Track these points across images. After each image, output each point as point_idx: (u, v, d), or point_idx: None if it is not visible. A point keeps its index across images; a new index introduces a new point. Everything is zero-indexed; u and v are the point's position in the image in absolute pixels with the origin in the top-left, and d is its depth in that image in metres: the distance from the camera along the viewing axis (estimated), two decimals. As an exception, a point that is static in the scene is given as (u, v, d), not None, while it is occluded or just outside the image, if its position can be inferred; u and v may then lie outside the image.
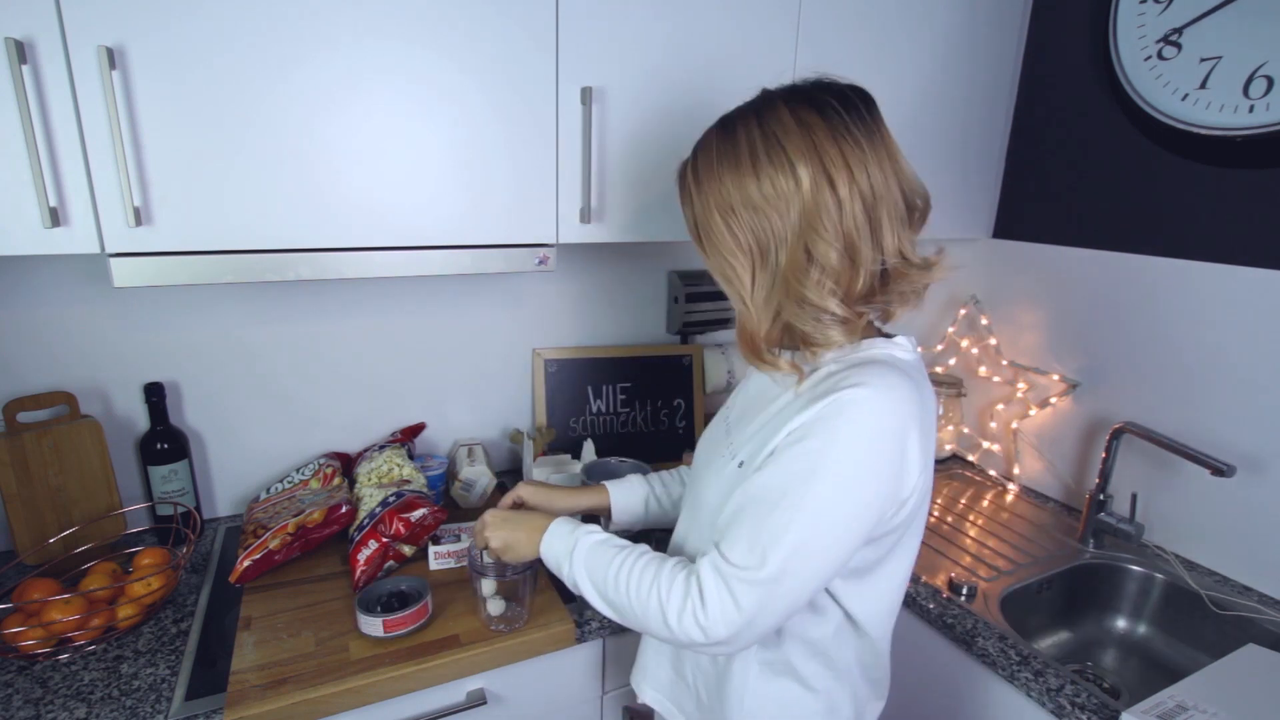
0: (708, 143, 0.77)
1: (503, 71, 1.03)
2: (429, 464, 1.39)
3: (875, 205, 0.71)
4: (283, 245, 0.96)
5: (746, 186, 0.71)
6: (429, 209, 1.04)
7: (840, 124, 0.70)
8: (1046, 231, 1.49)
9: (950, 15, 1.36)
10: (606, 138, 1.12)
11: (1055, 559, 1.29)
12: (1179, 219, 1.27)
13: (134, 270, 0.90)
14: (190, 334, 1.27)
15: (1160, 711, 0.85)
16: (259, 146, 0.92)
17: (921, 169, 0.81)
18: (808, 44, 1.22)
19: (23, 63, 0.79)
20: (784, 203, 0.70)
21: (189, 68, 0.87)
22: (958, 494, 1.54)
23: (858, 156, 0.70)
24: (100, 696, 0.89)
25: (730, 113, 0.77)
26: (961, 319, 1.67)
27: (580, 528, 0.85)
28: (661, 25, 1.12)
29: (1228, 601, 1.16)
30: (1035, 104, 1.49)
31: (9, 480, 1.11)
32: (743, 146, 0.72)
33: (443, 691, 0.98)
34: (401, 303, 1.42)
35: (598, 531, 0.84)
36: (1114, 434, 1.30)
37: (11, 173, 0.82)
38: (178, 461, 1.26)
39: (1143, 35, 1.26)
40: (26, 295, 1.16)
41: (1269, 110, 1.11)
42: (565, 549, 0.84)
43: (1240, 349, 1.19)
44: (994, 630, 1.07)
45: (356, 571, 1.08)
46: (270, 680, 0.89)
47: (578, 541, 0.83)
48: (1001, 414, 1.61)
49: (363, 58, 0.95)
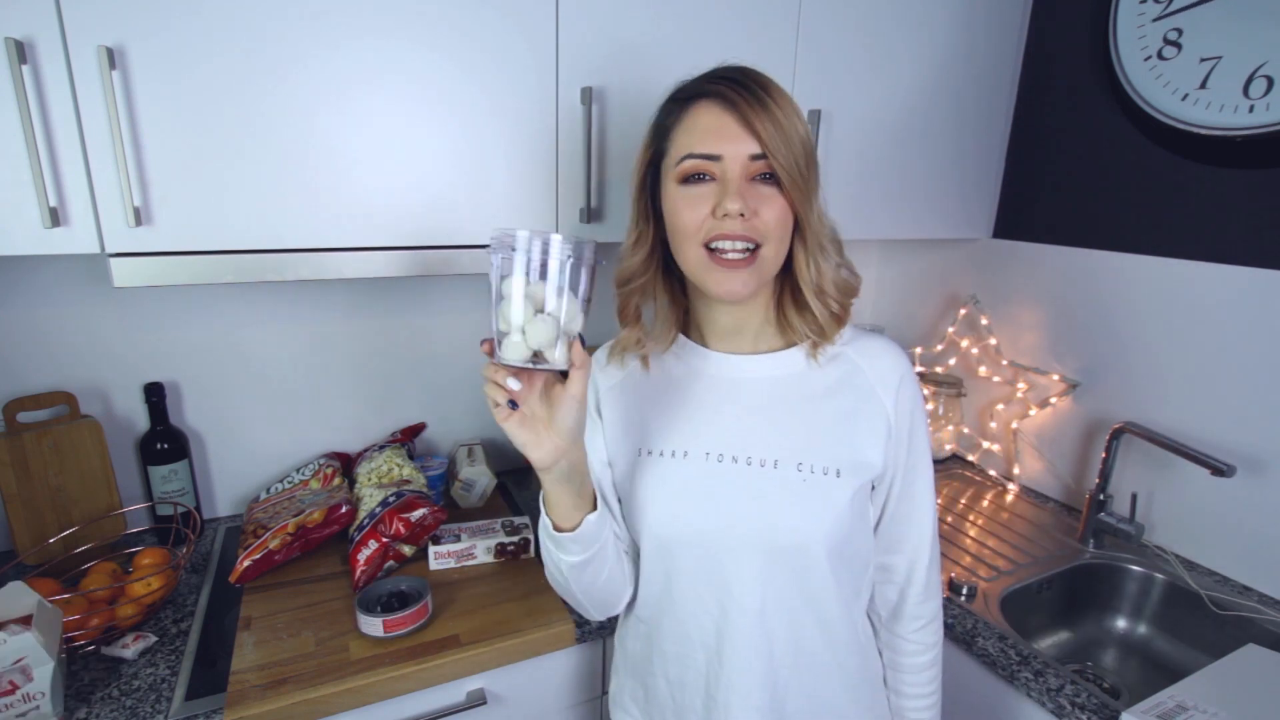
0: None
1: (503, 71, 1.03)
2: (429, 464, 1.39)
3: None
4: (283, 245, 0.96)
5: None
6: (429, 209, 1.04)
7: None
8: (1046, 231, 1.49)
9: (950, 15, 1.36)
10: (606, 138, 1.12)
11: (1055, 559, 1.29)
12: (1179, 219, 1.27)
13: (134, 270, 0.90)
14: (190, 334, 1.27)
15: (1160, 711, 0.85)
16: (259, 146, 0.92)
17: (922, 169, 0.81)
18: (808, 44, 1.22)
19: (23, 63, 0.79)
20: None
21: (189, 68, 0.87)
22: (958, 494, 1.54)
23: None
24: (100, 696, 0.89)
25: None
26: (961, 319, 1.67)
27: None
28: (662, 25, 1.12)
29: (1228, 601, 1.16)
30: (1035, 104, 1.49)
31: (9, 480, 1.11)
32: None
33: (443, 691, 0.98)
34: (401, 303, 1.42)
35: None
36: (1114, 434, 1.30)
37: (11, 173, 0.82)
38: (178, 461, 1.26)
39: (1143, 35, 1.26)
40: (27, 295, 1.16)
41: (1269, 110, 1.11)
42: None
43: (1240, 349, 1.19)
44: (994, 630, 1.07)
45: (356, 571, 1.08)
46: (270, 680, 0.89)
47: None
48: (1001, 414, 1.61)
49: (363, 58, 0.95)
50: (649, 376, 0.83)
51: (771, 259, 0.73)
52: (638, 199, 0.79)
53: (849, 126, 1.31)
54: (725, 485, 0.75)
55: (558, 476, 0.69)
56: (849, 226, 1.39)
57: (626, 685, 0.89)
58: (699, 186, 0.71)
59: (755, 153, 0.69)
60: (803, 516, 0.74)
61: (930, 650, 0.86)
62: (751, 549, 0.74)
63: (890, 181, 1.39)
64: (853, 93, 1.29)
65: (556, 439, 0.66)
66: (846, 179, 1.34)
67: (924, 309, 1.80)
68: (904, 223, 1.44)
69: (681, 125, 0.72)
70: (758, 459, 0.75)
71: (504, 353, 0.61)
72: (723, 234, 0.70)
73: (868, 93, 1.31)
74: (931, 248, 1.75)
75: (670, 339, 0.83)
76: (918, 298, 1.81)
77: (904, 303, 1.86)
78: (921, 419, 0.80)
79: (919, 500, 0.81)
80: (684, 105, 0.73)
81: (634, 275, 0.79)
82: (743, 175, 0.70)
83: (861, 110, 1.31)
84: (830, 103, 1.27)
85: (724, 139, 0.69)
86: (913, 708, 0.87)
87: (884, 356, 0.79)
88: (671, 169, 0.73)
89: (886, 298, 1.91)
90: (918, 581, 0.83)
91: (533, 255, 0.61)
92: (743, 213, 0.69)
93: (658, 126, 0.76)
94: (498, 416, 0.65)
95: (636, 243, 0.79)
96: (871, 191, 1.38)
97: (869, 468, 0.76)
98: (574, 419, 0.67)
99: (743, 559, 0.75)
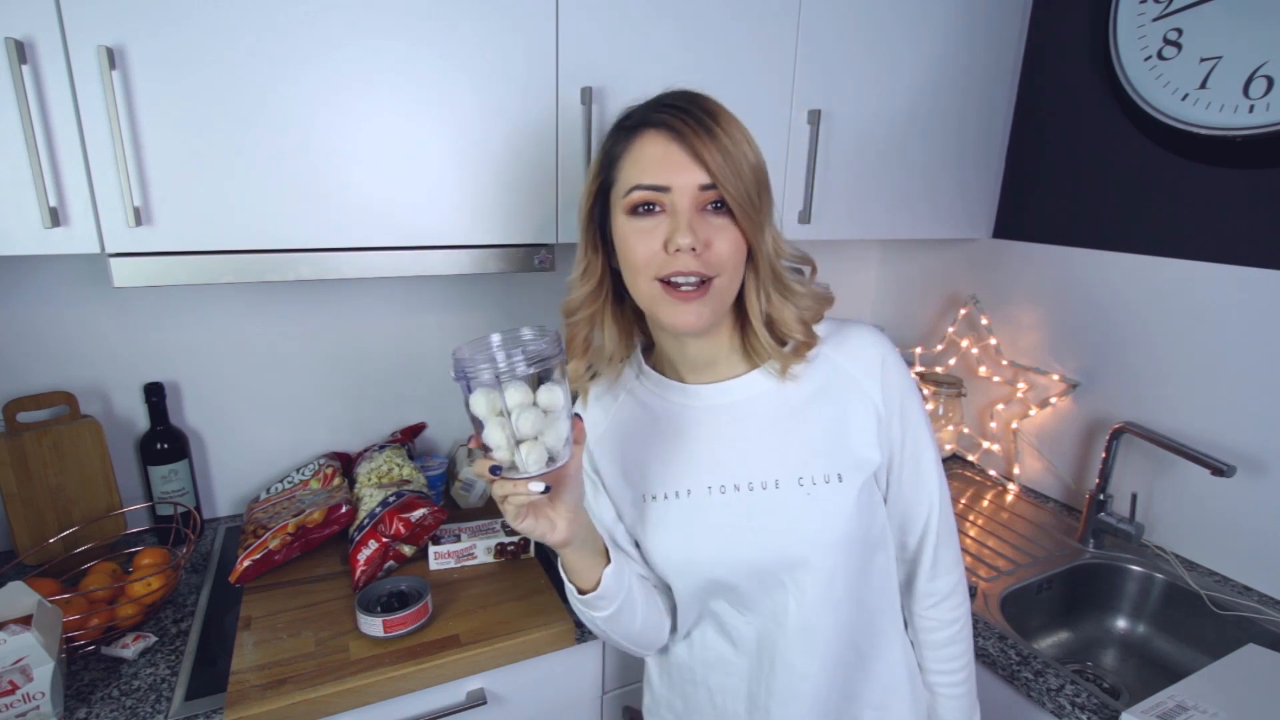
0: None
1: (503, 71, 1.03)
2: (429, 464, 1.39)
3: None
4: (283, 245, 0.96)
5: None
6: (429, 209, 1.04)
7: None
8: (1046, 231, 1.49)
9: (950, 15, 1.36)
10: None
11: (1055, 559, 1.29)
12: (1179, 219, 1.27)
13: (134, 270, 0.90)
14: (190, 334, 1.27)
15: (1160, 711, 0.85)
16: (259, 146, 0.92)
17: (921, 169, 0.81)
18: (808, 43, 1.22)
19: (23, 63, 0.79)
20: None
21: (189, 68, 0.87)
22: (958, 494, 1.54)
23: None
24: (100, 696, 0.89)
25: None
26: (961, 319, 1.67)
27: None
28: (662, 25, 1.12)
29: (1228, 601, 1.16)
30: (1035, 104, 1.49)
31: (9, 480, 1.11)
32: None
33: (443, 691, 0.98)
34: (402, 302, 1.42)
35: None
36: (1114, 434, 1.30)
37: (11, 173, 0.82)
38: (178, 461, 1.26)
39: (1143, 35, 1.26)
40: (27, 295, 1.16)
41: (1269, 110, 1.11)
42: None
43: (1240, 349, 1.19)
44: (994, 630, 1.07)
45: (356, 571, 1.08)
46: (270, 680, 0.89)
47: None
48: (1001, 414, 1.61)
49: (363, 58, 0.95)
50: (633, 419, 0.81)
51: (725, 289, 0.71)
52: (585, 228, 0.77)
53: (849, 126, 1.31)
54: (733, 516, 0.75)
55: (576, 546, 0.71)
56: (849, 226, 1.41)
57: (662, 697, 0.89)
58: (649, 219, 0.69)
59: (705, 183, 0.67)
60: (815, 530, 0.73)
61: (948, 627, 0.84)
62: (774, 569, 0.74)
63: (890, 181, 1.39)
64: (853, 92, 1.29)
65: (568, 515, 0.67)
66: (846, 179, 1.34)
67: (924, 309, 1.80)
68: (904, 223, 1.44)
69: (629, 155, 0.70)
70: (759, 482, 0.75)
71: (528, 465, 0.60)
72: (675, 270, 0.68)
73: (868, 92, 1.31)
74: (931, 248, 1.75)
75: (618, 370, 0.82)
76: (918, 298, 1.81)
77: (904, 303, 1.86)
78: (913, 397, 0.78)
79: (923, 478, 0.80)
80: (630, 134, 0.71)
81: (581, 306, 0.78)
82: (693, 206, 0.68)
83: (861, 110, 1.31)
84: (830, 102, 1.27)
85: (672, 170, 0.67)
86: (939, 684, 0.86)
87: (862, 346, 0.78)
88: (620, 199, 0.71)
89: (886, 298, 1.91)
90: (926, 559, 0.82)
91: (504, 371, 0.59)
92: (694, 247, 0.66)
93: (605, 154, 0.74)
94: (516, 523, 0.65)
95: (585, 273, 0.77)
96: (871, 191, 1.38)
97: (869, 463, 0.76)
98: (580, 492, 0.69)
99: (769, 581, 0.75)
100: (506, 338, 0.62)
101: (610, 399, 0.83)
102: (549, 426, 0.61)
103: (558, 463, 0.62)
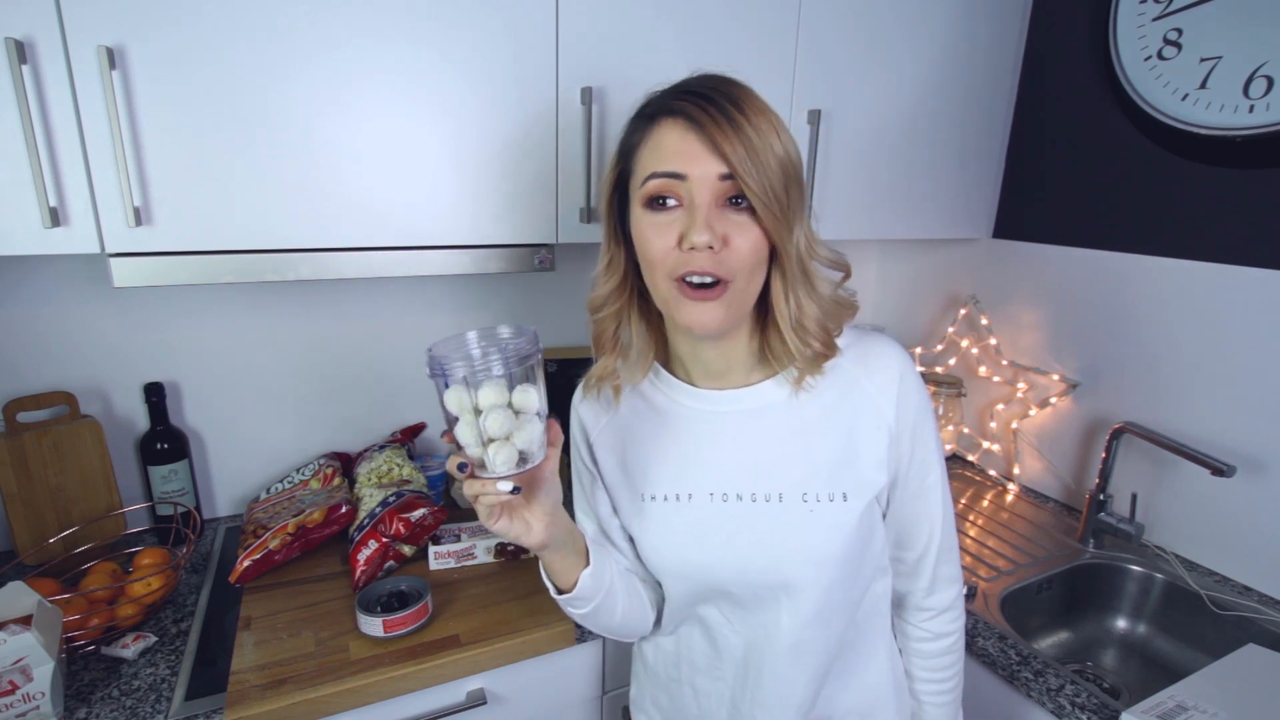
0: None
1: (503, 71, 1.03)
2: (429, 464, 1.39)
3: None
4: (283, 245, 0.96)
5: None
6: (429, 209, 1.04)
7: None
8: (1046, 231, 1.49)
9: (950, 15, 1.36)
10: (606, 138, 1.12)
11: (1055, 559, 1.29)
12: (1179, 219, 1.27)
13: (134, 270, 0.90)
14: (190, 334, 1.27)
15: (1160, 711, 0.85)
16: (259, 146, 0.92)
17: (922, 169, 0.81)
18: (808, 44, 1.22)
19: (23, 63, 0.79)
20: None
21: (189, 68, 0.87)
22: (958, 494, 1.54)
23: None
24: (100, 696, 0.89)
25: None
26: (961, 319, 1.67)
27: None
28: (662, 25, 1.12)
29: (1228, 601, 1.16)
30: (1035, 104, 1.49)
31: (9, 480, 1.11)
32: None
33: (443, 691, 0.98)
34: (402, 303, 1.42)
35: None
36: (1114, 434, 1.30)
37: (11, 173, 0.82)
38: (178, 461, 1.26)
39: (1143, 35, 1.26)
40: (27, 295, 1.16)
41: (1269, 110, 1.11)
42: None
43: (1240, 349, 1.19)
44: (994, 630, 1.07)
45: (356, 571, 1.08)
46: (270, 680, 0.89)
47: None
48: (1001, 414, 1.61)
49: (363, 58, 0.95)
50: (639, 416, 0.80)
51: (744, 291, 0.67)
52: (606, 220, 0.74)
53: (849, 126, 1.31)
54: (732, 525, 0.74)
55: (554, 548, 0.70)
56: (849, 226, 1.41)
57: (648, 690, 0.89)
58: (665, 213, 0.66)
59: (725, 172, 0.63)
60: (814, 547, 0.72)
61: (939, 640, 0.84)
62: (770, 582, 0.73)
63: (890, 181, 1.39)
64: (853, 92, 1.29)
65: (544, 518, 0.66)
66: (846, 179, 1.34)
67: (924, 309, 1.79)
68: (904, 223, 1.44)
69: (646, 144, 0.67)
70: (762, 494, 0.74)
71: (496, 465, 0.59)
72: (690, 270, 0.65)
73: (868, 92, 1.31)
74: (931, 248, 1.75)
75: (647, 368, 0.79)
76: (918, 298, 1.81)
77: (904, 303, 1.86)
78: (927, 416, 0.77)
79: (928, 498, 0.79)
80: (649, 123, 0.68)
81: (606, 302, 0.75)
82: (713, 199, 0.64)
83: (862, 110, 1.31)
84: (830, 102, 1.27)
85: (689, 160, 0.64)
86: (926, 692, 0.85)
87: (882, 359, 0.75)
88: (637, 190, 0.68)
89: (886, 298, 1.91)
90: (924, 575, 0.82)
91: (480, 369, 0.58)
92: (712, 244, 0.63)
93: (624, 143, 0.71)
94: (489, 523, 0.64)
95: (608, 267, 0.74)
96: (872, 191, 1.38)
97: (875, 484, 0.75)
98: (558, 495, 0.68)
99: (763, 593, 0.74)
100: (483, 335, 0.61)
101: (607, 385, 0.82)
102: (520, 428, 0.60)
103: (529, 464, 0.61)
